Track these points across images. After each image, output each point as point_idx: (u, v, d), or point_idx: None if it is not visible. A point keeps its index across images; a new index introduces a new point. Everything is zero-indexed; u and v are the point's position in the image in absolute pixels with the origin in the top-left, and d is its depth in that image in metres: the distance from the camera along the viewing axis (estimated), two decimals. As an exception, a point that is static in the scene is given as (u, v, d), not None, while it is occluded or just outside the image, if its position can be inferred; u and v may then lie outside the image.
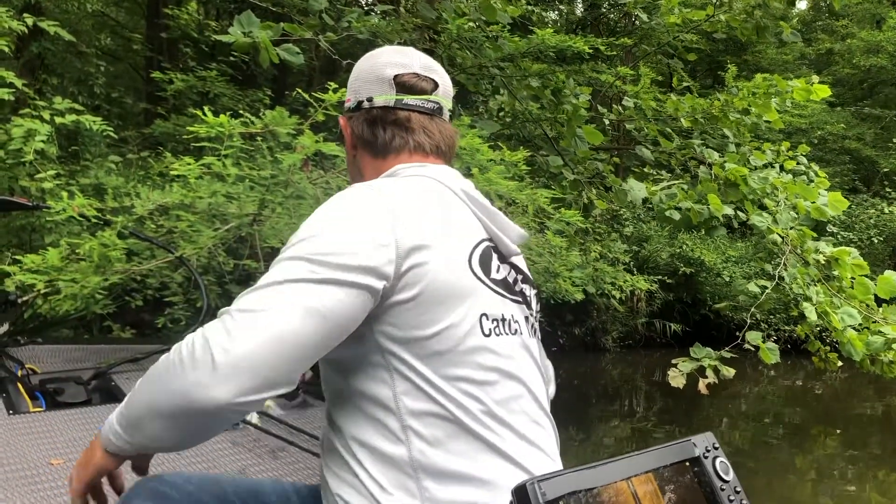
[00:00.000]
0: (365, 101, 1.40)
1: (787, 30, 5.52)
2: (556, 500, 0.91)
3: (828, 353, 4.81)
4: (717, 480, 1.07)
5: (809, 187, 4.76)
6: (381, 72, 1.41)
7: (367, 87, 1.41)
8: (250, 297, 1.09)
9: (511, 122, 7.15)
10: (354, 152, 1.44)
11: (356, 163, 1.45)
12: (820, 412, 10.57)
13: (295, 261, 1.12)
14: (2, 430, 2.25)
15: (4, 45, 4.38)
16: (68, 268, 3.01)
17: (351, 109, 1.43)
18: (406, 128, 1.39)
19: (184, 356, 1.05)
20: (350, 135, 1.43)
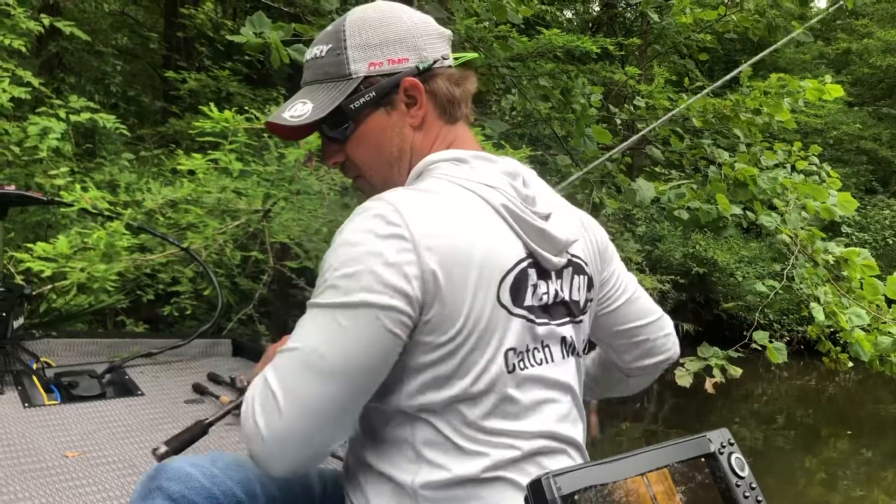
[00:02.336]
0: (441, 60, 1.26)
1: (800, 29, 5.50)
2: (572, 494, 0.90)
3: (838, 353, 4.81)
4: (733, 476, 1.06)
5: (819, 187, 4.75)
6: (436, 28, 1.29)
7: (433, 43, 1.27)
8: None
9: (523, 121, 7.18)
10: (419, 121, 1.25)
11: (416, 134, 1.26)
12: (832, 413, 10.52)
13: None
14: (18, 422, 2.27)
15: (22, 44, 4.47)
16: (76, 256, 3.07)
17: (424, 70, 1.24)
18: (468, 96, 1.31)
19: (243, 424, 1.09)
20: (426, 99, 1.24)
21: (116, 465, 2.04)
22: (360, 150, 1.27)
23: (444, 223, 1.10)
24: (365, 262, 1.05)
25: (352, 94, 1.22)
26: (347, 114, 1.23)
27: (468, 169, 1.21)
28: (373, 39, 1.23)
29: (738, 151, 5.44)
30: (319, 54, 1.25)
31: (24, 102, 4.66)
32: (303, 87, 1.29)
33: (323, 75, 1.24)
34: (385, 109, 1.23)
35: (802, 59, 19.62)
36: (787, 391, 11.63)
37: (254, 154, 3.64)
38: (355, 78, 1.22)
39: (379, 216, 1.08)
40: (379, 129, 1.25)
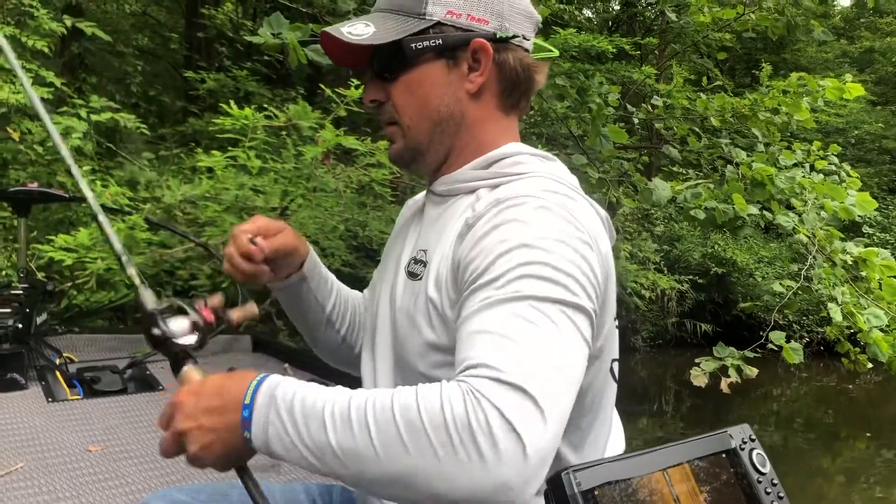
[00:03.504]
0: (521, 38, 1.15)
1: (819, 28, 5.47)
2: (592, 489, 0.88)
3: (857, 354, 4.77)
4: (754, 472, 1.05)
5: (837, 187, 4.72)
6: (527, 5, 1.18)
7: (519, 20, 1.16)
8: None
9: (541, 120, 7.18)
10: (476, 88, 1.14)
11: (470, 103, 1.15)
12: (852, 414, 10.43)
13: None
14: (41, 417, 2.31)
15: (44, 45, 4.55)
16: (96, 248, 3.12)
17: (500, 39, 1.13)
18: (532, 89, 1.20)
19: (480, 443, 0.79)
20: (489, 67, 1.13)
21: (138, 459, 2.07)
22: (404, 96, 1.15)
23: (599, 231, 1.05)
24: (580, 266, 0.94)
25: (418, 34, 1.11)
26: (406, 52, 1.11)
27: (562, 170, 1.15)
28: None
29: (756, 151, 5.41)
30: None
31: (47, 102, 4.74)
32: (371, 11, 1.18)
33: (396, 6, 1.14)
34: (446, 63, 1.13)
35: (825, 57, 19.43)
36: (806, 392, 11.54)
37: (272, 152, 3.68)
38: (428, 19, 1.11)
39: (568, 220, 0.98)
40: (433, 80, 1.13)
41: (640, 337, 12.25)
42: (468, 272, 0.98)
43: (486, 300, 0.91)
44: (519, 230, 0.96)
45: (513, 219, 0.97)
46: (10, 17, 4.99)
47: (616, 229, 4.80)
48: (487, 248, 0.96)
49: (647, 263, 10.59)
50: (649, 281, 8.69)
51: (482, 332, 0.89)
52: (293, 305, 1.37)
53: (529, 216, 0.97)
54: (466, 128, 1.16)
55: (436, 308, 1.05)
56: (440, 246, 1.09)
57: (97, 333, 3.20)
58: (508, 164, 1.13)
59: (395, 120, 1.17)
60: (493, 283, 0.92)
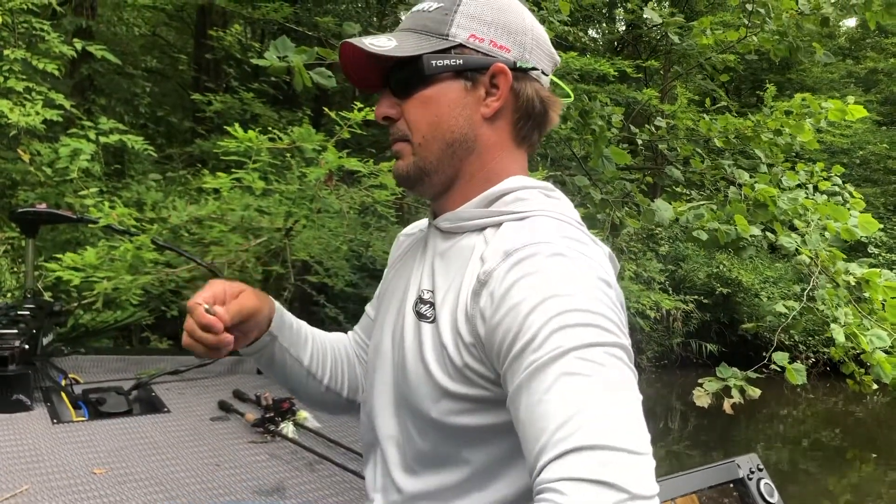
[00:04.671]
0: (540, 72, 1.17)
1: (820, 51, 5.51)
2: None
3: (862, 375, 4.76)
4: (762, 502, 1.05)
5: (840, 208, 4.74)
6: (549, 45, 1.21)
7: (540, 55, 1.18)
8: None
9: (545, 141, 7.22)
10: (491, 113, 1.14)
11: (483, 128, 1.15)
12: (859, 435, 10.36)
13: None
14: (46, 438, 2.31)
15: (55, 68, 4.62)
16: (103, 266, 3.15)
17: (519, 68, 1.14)
18: (546, 124, 1.21)
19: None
20: (506, 93, 1.13)
21: (143, 482, 2.07)
22: (418, 112, 1.13)
23: (609, 268, 1.05)
24: (606, 304, 0.94)
25: (439, 52, 1.11)
26: (425, 68, 1.11)
27: (568, 208, 1.15)
28: (486, 16, 1.13)
29: (758, 172, 5.44)
30: (426, 9, 1.15)
31: (57, 124, 4.81)
32: (397, 31, 1.17)
33: (421, 26, 1.14)
34: (464, 84, 1.12)
35: (830, 77, 19.46)
36: (812, 413, 11.48)
37: (276, 173, 3.72)
38: (450, 40, 1.12)
39: (583, 262, 0.98)
40: (449, 99, 1.12)
41: (646, 357, 12.22)
42: (500, 340, 0.95)
43: (530, 366, 0.89)
44: (539, 283, 0.94)
45: (529, 272, 0.95)
46: (21, 40, 5.06)
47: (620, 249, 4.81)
48: (513, 309, 0.94)
49: (652, 283, 10.58)
50: (651, 301, 8.69)
51: (542, 409, 0.86)
52: (269, 365, 1.33)
53: (545, 266, 0.95)
54: (477, 153, 1.15)
55: (450, 357, 1.04)
56: (451, 290, 1.08)
57: (103, 354, 3.21)
58: (511, 200, 1.12)
59: (406, 137, 1.16)
60: (530, 346, 0.90)
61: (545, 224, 1.04)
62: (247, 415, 2.51)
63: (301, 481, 2.16)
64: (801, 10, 5.41)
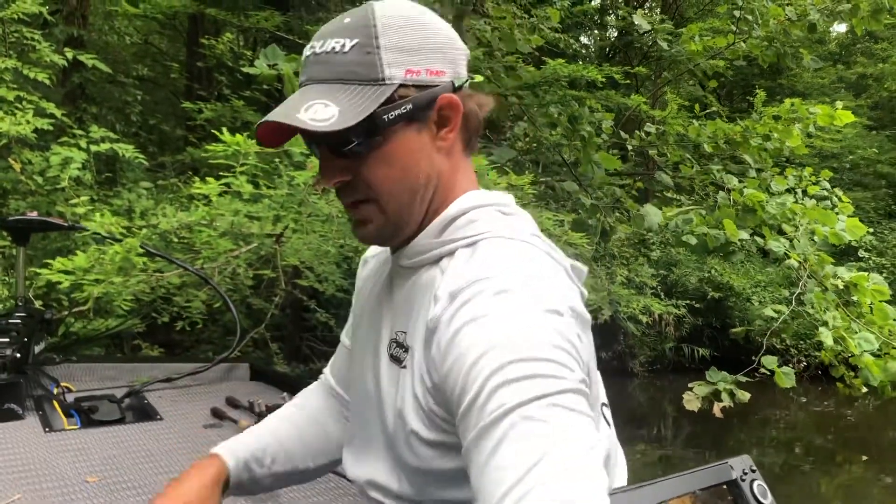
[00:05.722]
0: (470, 77, 1.11)
1: (807, 56, 5.57)
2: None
3: (852, 378, 4.80)
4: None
5: (828, 212, 4.79)
6: (461, 42, 1.11)
7: (463, 60, 1.10)
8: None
9: (536, 147, 7.26)
10: (448, 146, 1.08)
11: (442, 161, 1.08)
12: (851, 439, 10.42)
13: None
14: (38, 447, 2.30)
15: (46, 77, 4.63)
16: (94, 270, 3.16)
17: (458, 88, 1.07)
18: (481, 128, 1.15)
19: None
20: (458, 121, 1.07)
21: (136, 490, 2.07)
22: (381, 171, 1.04)
23: (565, 287, 0.99)
24: (554, 342, 0.88)
25: (386, 103, 1.00)
26: (379, 125, 1.01)
27: (523, 223, 1.09)
28: (411, 43, 1.03)
29: (747, 177, 5.49)
30: (340, 49, 1.02)
31: (48, 133, 4.82)
32: (309, 84, 1.04)
33: (348, 75, 1.01)
34: (417, 127, 1.04)
35: (821, 82, 19.56)
36: (804, 416, 11.53)
37: (265, 178, 3.73)
38: (389, 84, 1.01)
39: (529, 295, 0.92)
40: (409, 148, 1.04)
41: (638, 362, 12.26)
42: (450, 391, 0.92)
43: (476, 426, 0.85)
44: (480, 332, 0.89)
45: (471, 318, 0.91)
46: (12, 49, 5.07)
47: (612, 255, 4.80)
48: (457, 362, 0.90)
49: (644, 288, 10.62)
50: (641, 305, 8.73)
51: (488, 474, 0.83)
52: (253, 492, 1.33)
53: (487, 309, 0.90)
54: (441, 187, 1.09)
55: (420, 403, 1.01)
56: (417, 333, 1.03)
57: (95, 362, 3.20)
58: (462, 223, 1.06)
59: (369, 196, 1.06)
60: (475, 404, 0.86)
61: (493, 251, 1.00)
62: (240, 421, 2.51)
63: (295, 487, 2.14)
64: (789, 17, 5.48)
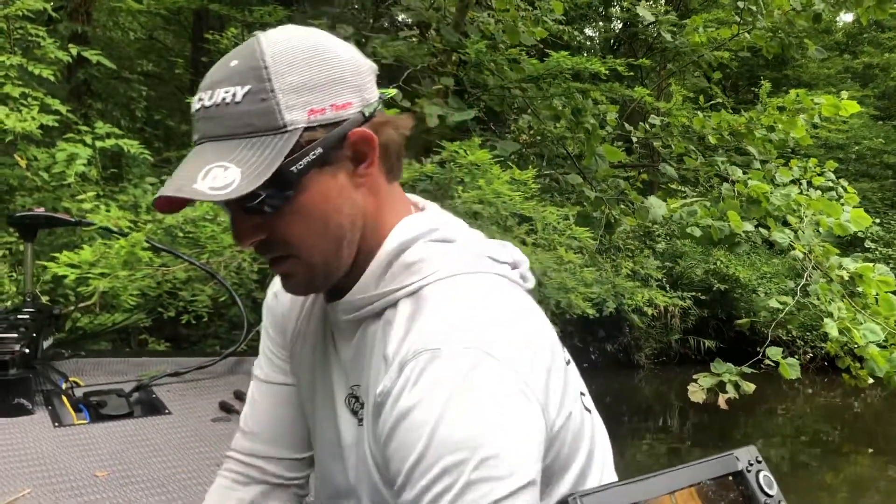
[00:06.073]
0: (381, 99, 1.00)
1: (812, 47, 5.56)
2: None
3: (858, 370, 4.80)
4: (761, 495, 1.03)
5: (832, 203, 4.78)
6: (364, 59, 1.01)
7: (370, 81, 0.99)
8: None
9: (540, 140, 7.25)
10: (370, 182, 0.99)
11: (365, 198, 0.99)
12: (857, 430, 10.42)
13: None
14: (48, 442, 2.32)
15: (51, 73, 4.65)
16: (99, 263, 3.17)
17: (369, 117, 0.96)
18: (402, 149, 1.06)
19: None
20: (375, 153, 0.97)
21: (145, 484, 2.09)
22: (298, 225, 0.95)
23: (522, 316, 0.94)
24: (504, 431, 0.83)
25: (293, 153, 0.90)
26: (288, 179, 0.91)
27: (465, 246, 1.01)
28: (310, 79, 0.92)
29: (752, 168, 5.48)
30: (231, 100, 0.91)
31: (53, 129, 4.84)
32: (204, 143, 0.95)
33: (244, 128, 0.91)
34: (331, 170, 0.94)
35: (827, 73, 19.43)
36: (811, 408, 11.53)
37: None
38: (293, 130, 0.91)
39: (488, 368, 0.85)
40: (325, 196, 0.94)
41: (644, 354, 12.27)
42: (393, 477, 0.88)
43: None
44: (423, 424, 0.83)
45: (414, 404, 0.84)
46: (17, 46, 5.09)
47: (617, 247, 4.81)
48: (397, 453, 0.86)
49: (650, 281, 10.61)
50: (646, 297, 8.74)
51: None
52: None
53: (431, 394, 0.84)
54: (369, 226, 1.00)
55: (378, 466, 0.97)
56: (370, 395, 0.96)
57: (103, 357, 3.23)
58: (399, 269, 0.98)
59: (290, 252, 0.98)
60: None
61: (438, 304, 0.92)
62: (247, 415, 2.53)
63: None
64: (794, 7, 5.46)
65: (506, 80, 5.40)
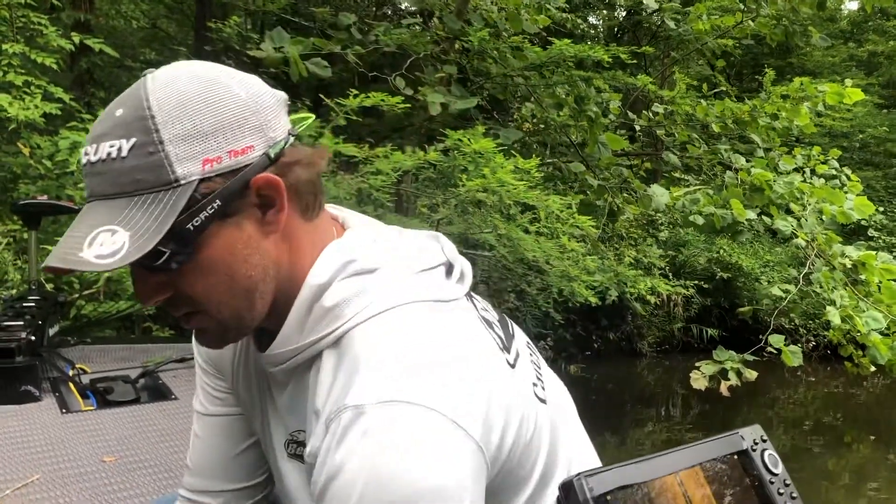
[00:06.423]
0: (289, 136, 0.92)
1: (816, 34, 5.54)
2: (604, 495, 0.87)
3: (860, 357, 4.81)
4: (767, 473, 1.04)
5: (835, 191, 4.78)
6: (269, 91, 0.93)
7: (276, 115, 0.90)
8: None
9: (543, 128, 7.24)
10: (281, 228, 0.90)
11: (277, 245, 0.91)
12: (860, 418, 10.43)
13: None
14: (56, 428, 2.36)
15: (53, 62, 4.65)
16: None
17: (275, 158, 0.88)
18: (320, 179, 0.99)
19: None
20: (283, 197, 0.88)
21: (153, 469, 2.11)
22: (203, 282, 0.88)
23: (476, 387, 0.86)
24: (457, 492, 0.79)
25: (187, 210, 0.83)
26: (186, 236, 0.84)
27: (387, 274, 0.94)
28: (202, 125, 0.84)
29: (755, 157, 5.48)
30: (117, 154, 0.83)
31: (56, 117, 4.85)
32: (93, 201, 0.86)
33: (132, 185, 0.83)
34: (234, 221, 0.87)
35: (831, 61, 19.32)
36: (813, 396, 11.53)
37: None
38: (186, 184, 0.83)
39: (432, 430, 0.80)
40: (229, 249, 0.87)
41: (646, 342, 12.26)
42: None
43: None
44: (351, 485, 0.78)
45: (336, 471, 0.79)
46: (19, 34, 5.09)
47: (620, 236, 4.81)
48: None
49: (652, 269, 10.60)
50: (648, 286, 8.73)
51: None
52: None
53: (352, 461, 0.79)
54: (283, 272, 0.93)
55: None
56: (308, 440, 0.91)
57: (109, 344, 3.25)
58: (320, 313, 0.91)
59: (199, 308, 0.91)
60: None
61: (360, 356, 0.86)
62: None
63: None
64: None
65: (509, 68, 5.40)
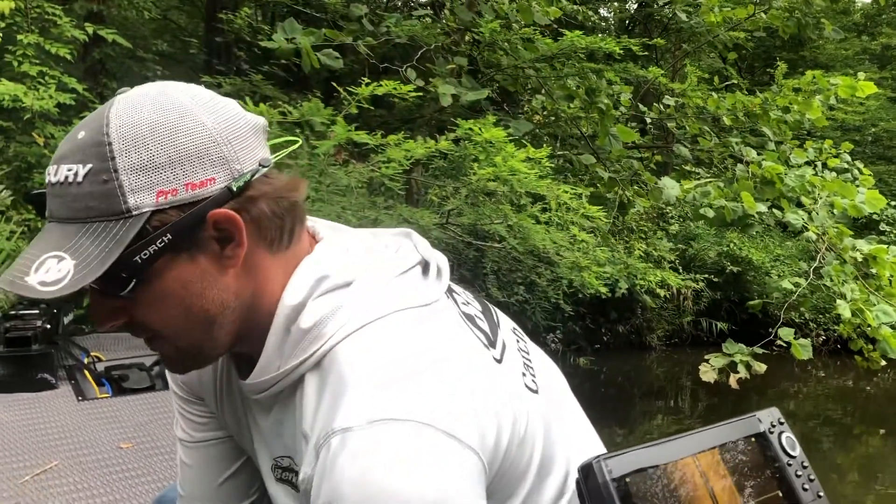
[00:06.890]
0: (259, 168, 0.87)
1: (829, 27, 5.51)
2: (622, 477, 0.87)
3: (871, 351, 4.80)
4: (784, 456, 1.04)
5: (847, 185, 4.76)
6: (245, 119, 0.89)
7: (247, 145, 0.87)
8: None
9: (554, 120, 7.24)
10: (240, 262, 0.87)
11: (239, 279, 0.89)
12: (869, 412, 10.41)
13: None
14: (72, 415, 2.40)
15: (67, 52, 4.68)
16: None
17: (238, 191, 0.85)
18: (298, 209, 0.95)
19: None
20: (243, 232, 0.85)
21: (169, 454, 2.14)
22: (154, 313, 0.87)
23: (463, 392, 0.84)
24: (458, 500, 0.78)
25: (135, 242, 0.81)
26: (132, 269, 0.82)
27: (364, 286, 0.91)
28: (159, 156, 0.81)
29: (766, 149, 5.46)
30: (73, 179, 0.82)
31: (70, 107, 4.88)
32: (51, 223, 0.86)
33: (84, 212, 0.82)
34: (188, 255, 0.84)
35: (844, 54, 19.19)
36: (823, 390, 11.51)
37: (285, 148, 3.78)
38: (137, 215, 0.81)
39: (425, 443, 0.78)
40: (182, 283, 0.85)
41: (656, 335, 12.24)
42: None
43: None
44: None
45: (336, 494, 0.77)
46: (34, 25, 5.13)
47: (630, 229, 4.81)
48: None
49: (662, 262, 10.58)
50: (658, 279, 8.72)
51: None
52: None
53: (342, 489, 0.77)
54: (247, 304, 0.91)
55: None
56: (301, 473, 0.89)
57: (123, 332, 3.27)
58: (297, 337, 0.89)
59: (156, 335, 0.90)
60: None
61: (342, 376, 0.84)
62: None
63: None
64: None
65: (519, 59, 5.40)
